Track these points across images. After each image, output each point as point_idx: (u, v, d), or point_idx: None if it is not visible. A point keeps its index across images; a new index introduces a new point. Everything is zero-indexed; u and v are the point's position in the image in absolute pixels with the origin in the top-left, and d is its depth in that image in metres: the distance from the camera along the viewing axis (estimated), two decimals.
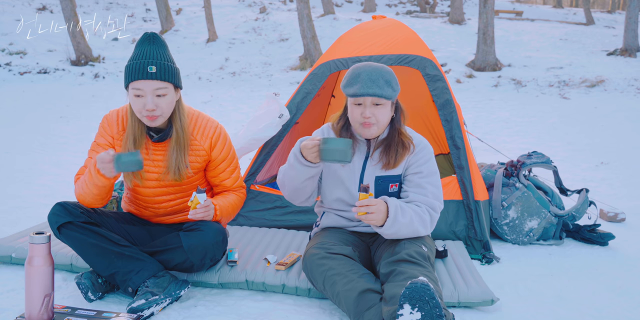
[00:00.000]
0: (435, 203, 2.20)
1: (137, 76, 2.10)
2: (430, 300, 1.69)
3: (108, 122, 2.31)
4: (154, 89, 2.11)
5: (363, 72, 2.15)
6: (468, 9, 19.48)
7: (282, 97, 3.83)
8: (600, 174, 5.04)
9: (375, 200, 2.04)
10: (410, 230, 2.12)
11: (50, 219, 2.16)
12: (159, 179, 2.30)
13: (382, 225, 2.08)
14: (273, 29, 15.35)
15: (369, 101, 2.14)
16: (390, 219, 2.05)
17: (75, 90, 10.21)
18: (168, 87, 2.15)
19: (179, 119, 2.24)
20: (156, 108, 2.13)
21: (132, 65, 2.12)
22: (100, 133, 2.32)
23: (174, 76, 2.17)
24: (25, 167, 4.83)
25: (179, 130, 2.24)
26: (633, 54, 12.17)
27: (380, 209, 2.03)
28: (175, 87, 2.20)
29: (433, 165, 2.27)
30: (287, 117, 3.19)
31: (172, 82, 2.15)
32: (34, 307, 1.87)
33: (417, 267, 1.98)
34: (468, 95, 9.63)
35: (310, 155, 2.07)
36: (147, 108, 2.11)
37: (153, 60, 2.11)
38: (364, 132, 2.20)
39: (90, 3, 17.56)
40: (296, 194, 2.27)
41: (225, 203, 2.34)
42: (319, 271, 2.06)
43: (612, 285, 2.51)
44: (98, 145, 2.30)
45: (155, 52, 2.14)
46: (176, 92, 2.22)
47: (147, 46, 2.15)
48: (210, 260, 2.26)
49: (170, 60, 2.18)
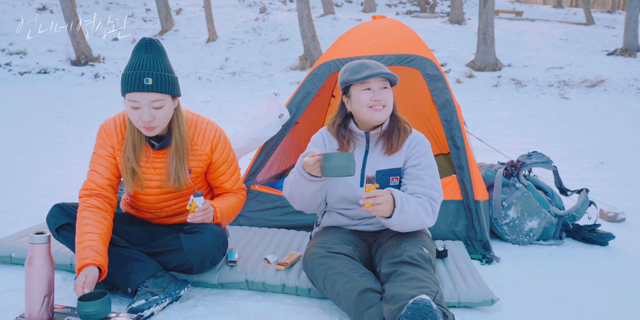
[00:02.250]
0: (434, 193, 2.21)
1: (132, 88, 2.04)
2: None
3: (106, 133, 2.26)
4: (150, 101, 2.06)
5: (366, 61, 2.28)
6: (468, 9, 19.49)
7: (282, 97, 3.83)
8: (600, 174, 5.04)
9: (381, 191, 2.04)
10: (417, 220, 2.12)
11: (49, 221, 2.16)
12: (160, 186, 2.28)
13: (389, 216, 2.08)
14: (273, 29, 15.35)
15: (377, 85, 2.23)
16: (397, 209, 2.04)
17: (75, 90, 10.21)
18: (165, 98, 2.10)
19: (178, 126, 2.20)
20: (153, 119, 2.08)
21: (127, 75, 2.05)
22: (99, 144, 2.27)
23: (171, 87, 2.11)
24: (25, 167, 4.83)
25: (177, 139, 2.20)
26: (633, 54, 12.17)
27: (387, 199, 2.02)
28: (173, 97, 2.15)
29: (430, 158, 2.29)
30: (287, 117, 3.19)
31: (169, 93, 2.10)
32: (34, 307, 1.87)
33: (418, 269, 1.98)
34: (468, 95, 9.63)
35: (313, 171, 2.08)
36: (144, 119, 2.07)
37: (149, 71, 2.05)
38: (376, 115, 2.23)
39: (90, 3, 17.56)
40: (308, 205, 2.31)
41: (226, 205, 2.33)
42: (319, 270, 2.06)
43: (612, 285, 2.51)
44: (99, 157, 2.26)
45: (152, 62, 2.07)
46: (174, 101, 2.17)
47: (144, 54, 2.08)
48: (210, 263, 2.26)
49: (167, 69, 2.11)
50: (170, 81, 2.10)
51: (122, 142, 2.24)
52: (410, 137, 2.30)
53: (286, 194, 2.31)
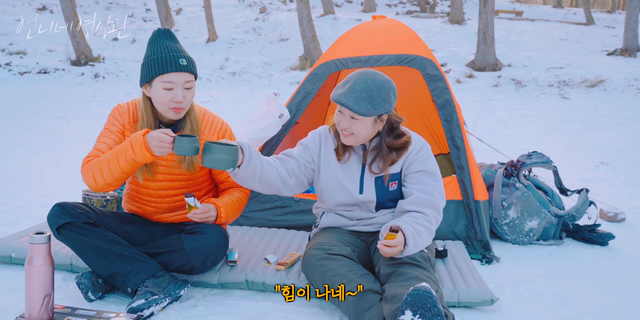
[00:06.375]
0: (441, 204, 2.20)
1: (169, 68, 2.13)
2: (432, 308, 1.68)
3: (119, 112, 2.33)
4: (184, 82, 2.17)
5: (355, 80, 2.09)
6: (468, 9, 19.47)
7: (282, 97, 3.82)
8: (600, 174, 5.05)
9: (400, 239, 1.97)
10: (426, 243, 2.11)
11: (50, 220, 2.16)
12: (168, 172, 2.31)
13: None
14: (273, 29, 15.35)
15: (347, 113, 2.11)
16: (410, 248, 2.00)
17: (75, 90, 10.19)
18: (193, 80, 2.22)
19: (192, 110, 2.30)
20: (184, 100, 2.17)
21: (161, 58, 2.14)
22: (110, 121, 2.32)
23: (196, 69, 2.24)
24: (25, 167, 4.83)
25: (193, 121, 2.28)
26: (633, 54, 12.16)
27: (400, 241, 1.99)
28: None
29: (434, 164, 2.28)
30: (287, 117, 3.19)
31: (196, 75, 2.23)
32: (34, 307, 1.87)
33: (418, 269, 1.98)
34: (468, 95, 9.62)
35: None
36: (176, 99, 2.15)
37: (182, 54, 2.17)
38: (344, 139, 2.20)
39: (90, 3, 17.56)
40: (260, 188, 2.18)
41: (232, 201, 2.34)
42: (318, 272, 2.06)
43: (612, 285, 2.51)
44: (110, 132, 2.29)
45: (178, 46, 2.21)
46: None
47: (167, 41, 2.20)
48: (212, 263, 2.26)
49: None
50: (195, 64, 2.24)
51: (133, 124, 2.30)
52: (410, 146, 2.24)
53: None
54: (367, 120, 2.11)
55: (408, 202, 2.18)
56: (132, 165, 2.08)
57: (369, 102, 2.05)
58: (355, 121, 2.11)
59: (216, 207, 2.26)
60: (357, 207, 2.31)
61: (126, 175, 2.13)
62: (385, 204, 2.29)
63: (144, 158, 2.04)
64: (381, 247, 1.97)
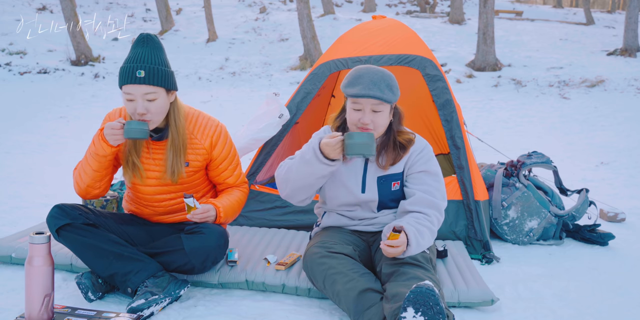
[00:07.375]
0: (442, 204, 2.21)
1: (126, 80, 2.12)
2: (434, 305, 1.69)
3: (111, 119, 2.35)
4: (143, 94, 2.12)
5: (365, 73, 2.14)
6: (468, 9, 19.47)
7: (282, 97, 3.83)
8: (600, 174, 5.05)
9: (402, 240, 1.98)
10: (427, 244, 2.11)
11: (49, 222, 2.16)
12: (159, 177, 2.30)
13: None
14: (273, 29, 15.34)
15: (368, 107, 2.12)
16: (412, 248, 2.01)
17: (75, 90, 10.19)
18: (157, 91, 2.14)
19: (174, 120, 2.25)
20: (147, 112, 2.14)
21: (122, 69, 2.14)
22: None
23: (165, 80, 2.15)
24: (25, 167, 4.83)
25: (174, 133, 2.24)
26: (633, 54, 12.16)
27: (403, 241, 1.99)
28: (168, 90, 2.19)
29: (437, 164, 2.29)
30: (287, 117, 3.19)
31: (162, 86, 2.15)
32: (34, 307, 1.87)
33: (420, 269, 1.98)
34: (468, 95, 9.62)
35: (333, 152, 2.05)
36: (138, 112, 2.13)
37: (142, 64, 2.11)
38: None
39: (90, 3, 17.56)
40: (300, 192, 2.22)
41: (231, 201, 2.34)
42: (319, 270, 2.06)
43: (612, 285, 2.51)
44: None
45: (147, 55, 2.13)
46: (170, 95, 2.21)
47: (140, 49, 2.15)
48: (212, 263, 2.26)
49: (161, 63, 2.16)
50: (163, 74, 2.15)
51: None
52: (412, 147, 2.26)
53: (279, 177, 2.23)
54: (386, 111, 2.16)
55: (410, 202, 2.19)
56: (98, 160, 2.16)
57: (389, 89, 2.13)
58: (376, 114, 2.14)
59: (215, 207, 2.26)
60: (359, 207, 2.32)
61: (98, 173, 2.20)
62: (388, 204, 2.29)
63: (104, 150, 2.12)
64: (384, 247, 1.98)
